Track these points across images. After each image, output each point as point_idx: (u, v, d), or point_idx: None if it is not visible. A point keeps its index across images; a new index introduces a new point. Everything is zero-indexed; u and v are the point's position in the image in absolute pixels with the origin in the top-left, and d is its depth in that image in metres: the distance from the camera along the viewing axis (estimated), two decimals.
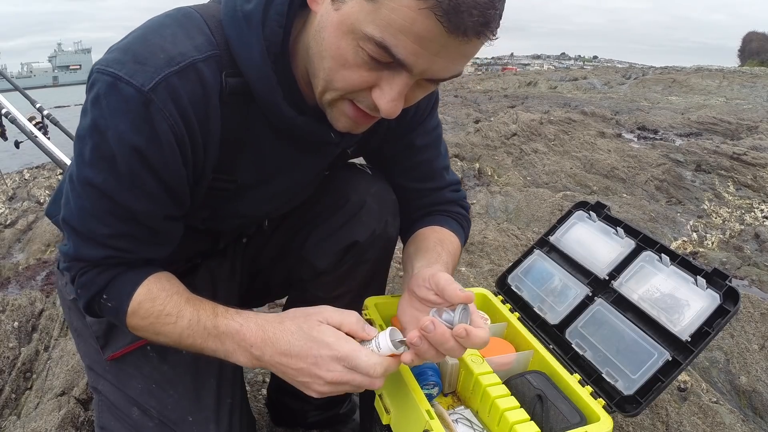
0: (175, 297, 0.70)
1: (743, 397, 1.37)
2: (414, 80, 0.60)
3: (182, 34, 0.64)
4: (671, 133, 4.67)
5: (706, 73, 9.75)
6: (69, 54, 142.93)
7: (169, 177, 0.65)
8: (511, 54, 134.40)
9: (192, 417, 0.78)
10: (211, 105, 0.65)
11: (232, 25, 0.65)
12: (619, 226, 1.05)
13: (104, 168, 0.63)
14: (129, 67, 0.60)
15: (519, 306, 1.07)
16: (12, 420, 1.22)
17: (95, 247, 0.68)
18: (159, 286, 0.70)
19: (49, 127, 2.22)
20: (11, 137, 2.09)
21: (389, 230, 0.92)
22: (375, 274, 0.97)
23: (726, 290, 0.84)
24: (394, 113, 0.62)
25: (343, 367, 0.63)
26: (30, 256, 2.35)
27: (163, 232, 0.72)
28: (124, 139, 0.60)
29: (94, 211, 0.66)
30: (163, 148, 0.62)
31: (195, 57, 0.63)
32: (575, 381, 0.82)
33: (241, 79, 0.66)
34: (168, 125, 0.61)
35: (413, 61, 0.56)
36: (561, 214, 1.20)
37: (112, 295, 0.70)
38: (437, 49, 0.55)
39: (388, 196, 0.93)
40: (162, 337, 0.70)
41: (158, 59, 0.60)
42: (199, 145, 0.67)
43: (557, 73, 11.38)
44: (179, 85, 0.61)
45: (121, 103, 0.60)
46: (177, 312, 0.68)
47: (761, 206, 2.84)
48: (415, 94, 0.65)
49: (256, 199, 0.82)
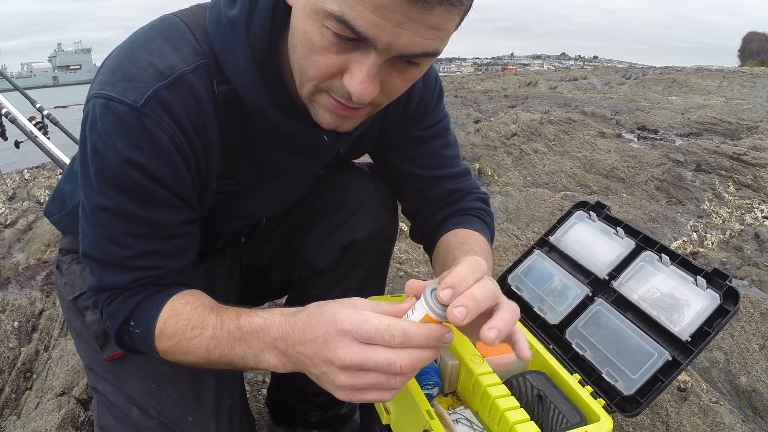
0: (199, 309, 0.67)
1: (743, 397, 1.37)
2: (383, 59, 0.56)
3: (168, 46, 0.63)
4: (671, 133, 4.66)
5: (706, 73, 9.75)
6: (69, 54, 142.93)
7: (175, 185, 0.65)
8: (511, 54, 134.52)
9: (192, 417, 0.78)
10: (206, 114, 0.65)
11: (217, 32, 0.64)
12: (619, 226, 1.05)
13: (112, 189, 0.62)
14: (119, 86, 0.60)
15: (519, 306, 1.07)
16: (12, 420, 1.22)
17: (118, 272, 0.67)
18: (183, 302, 0.68)
19: (49, 127, 2.21)
20: (11, 137, 2.09)
21: (387, 228, 0.93)
22: (374, 273, 0.97)
23: (726, 290, 0.84)
24: (365, 96, 0.57)
25: (352, 341, 0.52)
26: (30, 256, 2.35)
27: (182, 240, 0.71)
28: (125, 156, 0.60)
29: (111, 236, 0.65)
30: (165, 159, 0.62)
31: (183, 69, 0.62)
32: (575, 381, 0.82)
33: (231, 86, 0.65)
34: (167, 136, 0.61)
35: (375, 33, 0.52)
36: (561, 214, 1.20)
37: (139, 320, 0.68)
38: (399, 19, 0.51)
39: (386, 194, 0.93)
40: (191, 356, 0.66)
41: (147, 74, 0.60)
42: (200, 154, 0.66)
43: (557, 73, 11.39)
44: (170, 98, 0.61)
45: (116, 122, 0.59)
46: (201, 323, 0.65)
47: (761, 206, 2.84)
48: (393, 80, 0.61)
49: (254, 201, 0.82)
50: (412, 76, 0.63)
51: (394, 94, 0.64)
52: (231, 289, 0.97)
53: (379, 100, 0.63)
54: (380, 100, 0.63)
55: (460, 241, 0.82)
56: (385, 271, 1.01)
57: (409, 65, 0.59)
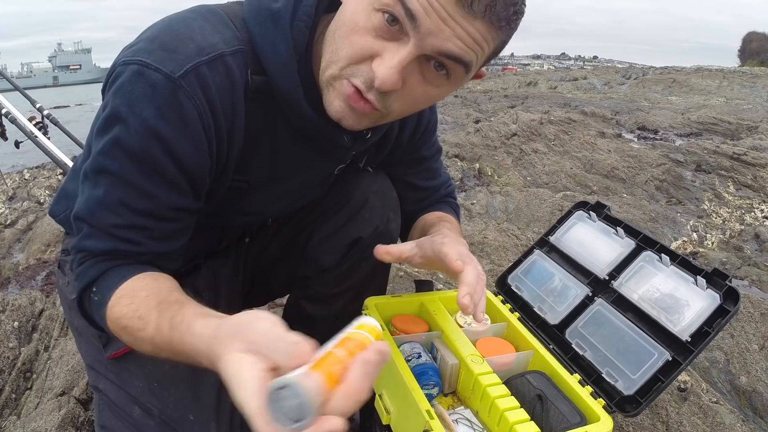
0: (151, 299, 0.60)
1: (743, 397, 1.37)
2: (417, 54, 0.58)
3: (210, 27, 0.63)
4: (671, 133, 4.66)
5: (706, 73, 9.75)
6: (69, 54, 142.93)
7: (192, 166, 0.64)
8: (511, 54, 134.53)
9: (193, 416, 0.78)
10: (237, 100, 0.65)
11: (257, 23, 0.65)
12: (619, 226, 1.05)
13: (122, 155, 0.60)
14: (157, 55, 0.59)
15: (519, 306, 1.07)
16: (12, 420, 1.22)
17: (101, 238, 0.64)
18: (142, 284, 0.63)
19: (49, 127, 2.21)
20: (11, 137, 2.08)
21: (391, 226, 0.94)
22: (377, 271, 0.98)
23: (726, 290, 0.84)
24: (388, 81, 0.58)
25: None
26: (30, 256, 2.35)
27: (174, 225, 0.69)
28: (149, 125, 0.59)
29: (105, 201, 0.63)
30: (190, 136, 0.61)
31: (224, 50, 0.62)
32: (575, 381, 0.82)
33: (264, 77, 0.66)
34: (198, 113, 0.60)
35: (422, 15, 0.55)
36: (561, 214, 1.20)
37: (100, 288, 0.65)
38: (445, 15, 0.55)
39: (389, 193, 0.95)
40: (139, 349, 0.61)
41: (188, 48, 0.60)
42: (224, 139, 0.66)
43: (557, 73, 11.39)
44: (209, 75, 0.60)
45: (147, 89, 0.58)
46: (146, 317, 0.58)
47: (761, 206, 2.84)
48: (415, 85, 0.62)
49: (264, 198, 0.82)
50: (432, 92, 0.64)
51: (407, 102, 0.65)
52: (235, 290, 0.97)
53: (391, 105, 0.64)
54: (392, 106, 0.64)
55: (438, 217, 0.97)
56: (387, 268, 1.02)
57: (437, 75, 0.61)
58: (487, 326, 0.95)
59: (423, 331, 0.91)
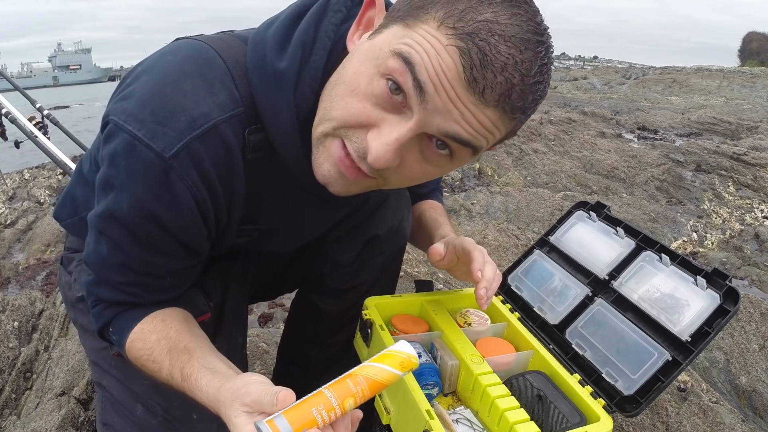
0: (162, 343, 0.66)
1: (743, 397, 1.37)
2: (418, 132, 0.53)
3: (204, 89, 0.59)
4: (671, 133, 4.66)
5: (706, 73, 9.74)
6: (69, 54, 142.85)
7: (187, 238, 0.65)
8: None
9: (197, 415, 0.78)
10: (235, 166, 0.62)
11: (261, 82, 0.61)
12: (619, 226, 1.05)
13: (118, 225, 0.61)
14: (148, 128, 0.56)
15: (519, 306, 1.07)
16: (12, 420, 1.22)
17: (109, 290, 0.69)
18: (151, 328, 0.68)
19: (49, 127, 2.21)
20: (11, 137, 2.08)
21: (404, 225, 0.96)
22: (389, 266, 0.99)
23: (726, 290, 0.85)
24: (382, 159, 0.53)
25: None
26: (30, 256, 2.35)
27: (176, 280, 0.71)
28: (141, 204, 0.59)
29: (108, 261, 0.66)
30: (182, 213, 0.61)
31: (218, 118, 0.58)
32: (575, 381, 0.82)
33: (264, 134, 0.63)
34: (190, 192, 0.59)
35: (432, 91, 0.50)
36: (561, 214, 1.21)
37: (116, 329, 0.71)
38: (454, 96, 0.50)
39: (404, 192, 0.98)
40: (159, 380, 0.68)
41: (179, 122, 0.56)
42: (222, 207, 0.65)
43: (557, 73, 11.38)
44: (201, 150, 0.57)
45: (138, 167, 0.57)
46: (160, 361, 0.65)
47: (761, 206, 2.84)
48: (413, 164, 0.57)
49: (277, 240, 0.84)
50: (431, 171, 0.60)
51: (404, 177, 0.60)
52: (244, 288, 0.98)
53: (388, 178, 0.60)
54: (390, 178, 0.60)
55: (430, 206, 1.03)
56: (398, 265, 1.03)
57: (438, 155, 0.56)
58: (487, 326, 0.95)
59: (423, 331, 0.91)
